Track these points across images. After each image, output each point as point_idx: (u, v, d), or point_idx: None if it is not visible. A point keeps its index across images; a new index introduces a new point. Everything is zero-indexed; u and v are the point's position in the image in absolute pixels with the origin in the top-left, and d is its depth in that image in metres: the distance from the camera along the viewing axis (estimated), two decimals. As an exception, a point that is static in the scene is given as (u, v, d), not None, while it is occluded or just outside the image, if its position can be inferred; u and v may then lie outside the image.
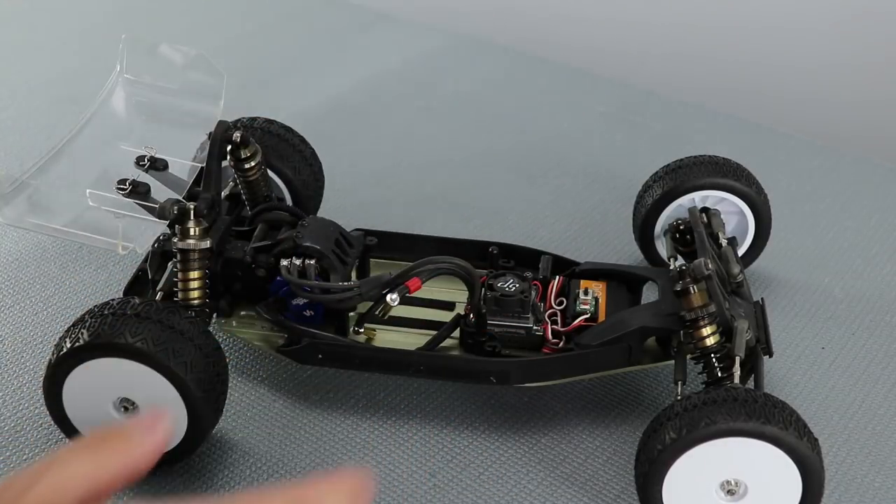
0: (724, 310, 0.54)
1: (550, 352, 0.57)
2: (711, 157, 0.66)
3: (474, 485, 0.55)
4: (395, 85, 0.94)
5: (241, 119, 0.68)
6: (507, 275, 0.59)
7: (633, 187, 0.70)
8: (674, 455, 0.49)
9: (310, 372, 0.62)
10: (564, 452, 0.57)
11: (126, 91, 0.65)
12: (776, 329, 0.65)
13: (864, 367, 0.64)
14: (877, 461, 0.57)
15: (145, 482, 0.55)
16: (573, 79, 0.96)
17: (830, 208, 0.78)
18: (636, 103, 0.92)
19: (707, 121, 0.89)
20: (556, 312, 0.59)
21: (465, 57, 0.99)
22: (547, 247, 0.64)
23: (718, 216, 0.64)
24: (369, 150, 0.85)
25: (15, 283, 0.69)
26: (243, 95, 0.88)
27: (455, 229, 0.74)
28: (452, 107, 0.91)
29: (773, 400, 0.49)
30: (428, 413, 0.60)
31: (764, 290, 0.69)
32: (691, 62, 1.19)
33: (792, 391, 0.61)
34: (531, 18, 1.25)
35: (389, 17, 1.06)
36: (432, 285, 0.56)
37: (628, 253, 0.72)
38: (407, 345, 0.58)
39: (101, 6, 1.07)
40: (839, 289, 0.70)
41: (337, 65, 0.97)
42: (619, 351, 0.56)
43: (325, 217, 0.60)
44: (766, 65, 1.16)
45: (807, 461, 0.48)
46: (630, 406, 0.60)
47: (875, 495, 0.55)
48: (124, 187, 0.57)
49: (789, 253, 0.73)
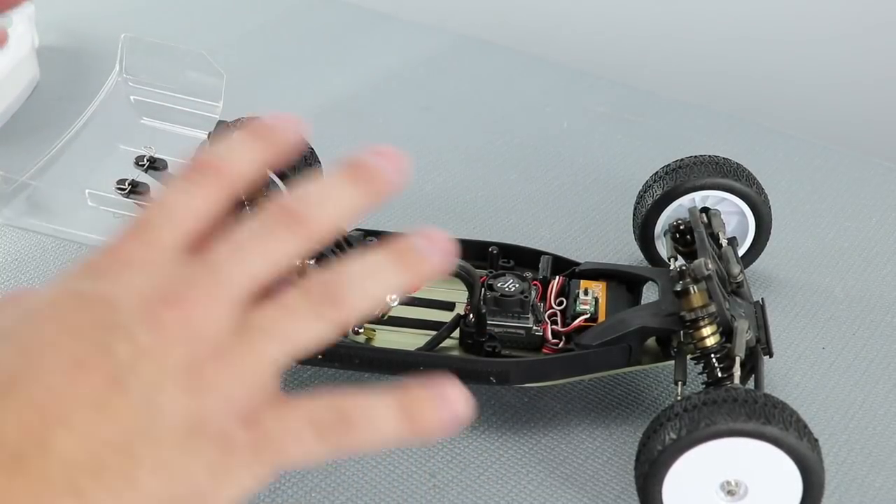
0: (724, 310, 0.54)
1: (550, 352, 0.57)
2: (711, 157, 0.66)
3: (474, 485, 0.55)
4: (395, 85, 0.94)
5: (240, 119, 0.68)
6: (507, 275, 0.59)
7: (633, 187, 0.70)
8: (674, 455, 0.49)
9: (310, 372, 0.62)
10: (564, 453, 0.57)
11: (126, 91, 0.65)
12: (776, 329, 0.65)
13: (864, 367, 0.63)
14: (877, 462, 0.57)
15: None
16: (573, 79, 0.96)
17: (830, 208, 0.78)
18: (636, 103, 0.92)
19: (707, 121, 0.89)
20: (556, 312, 0.59)
21: (465, 57, 0.99)
22: (547, 247, 0.64)
23: (719, 216, 0.64)
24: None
25: (15, 283, 0.69)
26: (243, 95, 0.88)
27: (455, 229, 0.74)
28: (452, 107, 0.91)
29: (774, 400, 0.49)
30: (428, 413, 0.59)
31: (764, 290, 0.69)
32: (691, 62, 1.19)
33: (792, 391, 0.61)
34: (531, 18, 1.25)
35: (389, 17, 1.06)
36: (432, 285, 0.56)
37: (628, 253, 0.72)
38: (407, 345, 0.58)
39: (101, 6, 1.07)
40: (840, 289, 0.70)
41: (337, 65, 0.97)
42: (619, 351, 0.56)
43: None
44: (766, 65, 1.16)
45: (807, 462, 0.48)
46: (630, 406, 0.60)
47: (875, 496, 0.55)
48: (124, 187, 0.57)
49: (789, 253, 0.73)
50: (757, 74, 1.16)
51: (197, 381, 0.26)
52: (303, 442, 0.27)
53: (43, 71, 0.92)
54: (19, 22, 0.90)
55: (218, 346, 0.26)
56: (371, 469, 0.56)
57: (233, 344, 0.27)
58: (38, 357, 0.25)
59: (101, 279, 0.27)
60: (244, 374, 0.26)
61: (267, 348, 0.27)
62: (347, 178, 0.30)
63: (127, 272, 0.27)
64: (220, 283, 0.27)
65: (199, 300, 0.27)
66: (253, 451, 0.26)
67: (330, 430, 0.27)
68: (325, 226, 0.29)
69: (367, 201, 0.30)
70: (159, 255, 0.27)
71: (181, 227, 0.28)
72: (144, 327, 0.26)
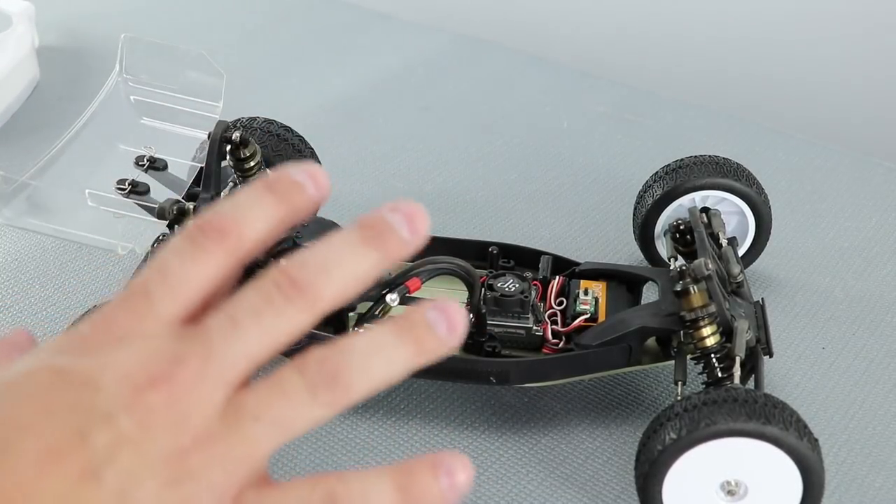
0: (724, 310, 0.54)
1: (550, 352, 0.57)
2: (711, 157, 0.66)
3: (474, 485, 0.55)
4: (395, 85, 0.94)
5: (240, 119, 0.68)
6: (507, 275, 0.59)
7: (633, 187, 0.70)
8: (674, 455, 0.49)
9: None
10: (564, 453, 0.57)
11: (126, 91, 0.65)
12: (776, 329, 0.65)
13: (864, 367, 0.63)
14: (877, 461, 0.57)
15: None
16: (573, 79, 0.96)
17: (830, 208, 0.78)
18: (636, 103, 0.92)
19: (707, 121, 0.89)
20: (556, 312, 0.59)
21: (465, 57, 0.99)
22: (547, 247, 0.64)
23: (719, 216, 0.64)
24: (369, 150, 0.85)
25: (15, 283, 0.69)
26: (243, 95, 0.88)
27: (455, 229, 0.74)
28: (452, 107, 0.91)
29: (774, 400, 0.49)
30: (428, 413, 0.60)
31: (764, 290, 0.69)
32: (691, 62, 1.19)
33: (792, 391, 0.61)
34: (531, 18, 1.25)
35: (389, 17, 1.06)
36: (432, 285, 0.56)
37: (628, 253, 0.72)
38: (407, 345, 0.58)
39: (101, 6, 1.07)
40: (839, 289, 0.70)
41: (337, 65, 0.97)
42: (619, 351, 0.56)
43: (325, 217, 0.60)
44: (766, 65, 1.16)
45: (807, 461, 0.48)
46: (630, 406, 0.60)
47: (875, 496, 0.55)
48: (123, 187, 0.57)
49: (789, 253, 0.73)
50: (757, 74, 1.16)
51: (178, 472, 0.24)
52: None
53: (43, 71, 0.92)
54: (19, 22, 0.90)
55: (204, 432, 0.25)
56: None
57: (221, 430, 0.25)
58: (9, 442, 0.24)
59: (87, 354, 0.25)
60: (230, 463, 0.25)
61: (257, 435, 0.25)
62: (359, 239, 0.26)
63: (115, 347, 0.25)
64: (212, 362, 0.25)
65: (188, 381, 0.25)
66: None
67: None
68: (332, 296, 0.26)
69: (380, 265, 0.27)
70: (153, 328, 0.25)
71: (180, 298, 0.26)
72: (127, 412, 0.24)
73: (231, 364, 0.25)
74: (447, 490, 0.26)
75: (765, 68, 1.16)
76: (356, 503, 0.25)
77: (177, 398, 0.24)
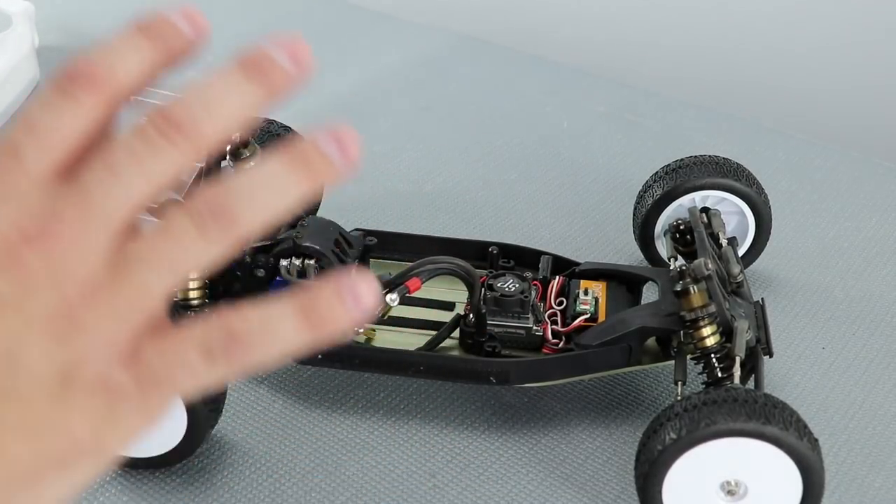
0: (724, 310, 0.54)
1: (550, 352, 0.57)
2: (711, 157, 0.66)
3: (474, 485, 0.55)
4: (396, 85, 0.94)
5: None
6: (507, 275, 0.59)
7: (633, 187, 0.70)
8: (674, 455, 0.49)
9: (310, 372, 0.62)
10: (564, 453, 0.57)
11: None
12: (776, 329, 0.65)
13: (864, 367, 0.63)
14: (877, 461, 0.57)
15: (143, 485, 0.54)
16: (573, 79, 0.96)
17: (830, 208, 0.78)
18: (636, 103, 0.92)
19: (707, 121, 0.89)
20: (555, 312, 0.59)
21: (465, 57, 0.99)
22: (547, 247, 0.64)
23: (719, 216, 0.64)
24: (369, 150, 0.84)
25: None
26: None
27: (455, 229, 0.74)
28: (452, 107, 0.91)
29: (774, 400, 0.49)
30: (428, 413, 0.60)
31: (764, 290, 0.69)
32: (691, 62, 1.19)
33: (792, 391, 0.61)
34: (531, 18, 1.25)
35: (389, 17, 1.06)
36: (432, 285, 0.56)
37: (628, 253, 0.72)
38: (407, 345, 0.58)
39: (101, 6, 1.07)
40: (839, 289, 0.70)
41: (337, 64, 0.97)
42: (619, 351, 0.56)
43: (325, 217, 0.60)
44: (766, 64, 1.16)
45: (807, 461, 0.48)
46: (630, 406, 0.60)
47: (875, 496, 0.55)
48: (124, 187, 0.57)
49: (789, 253, 0.73)
50: (757, 74, 1.16)
51: (66, 327, 0.23)
52: (192, 370, 0.24)
53: (43, 71, 0.92)
54: (19, 22, 0.90)
55: (90, 283, 0.24)
56: (371, 469, 0.56)
57: (107, 279, 0.24)
58: None
59: None
60: (121, 311, 0.24)
61: (146, 280, 0.24)
62: (239, 74, 0.25)
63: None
64: (91, 211, 0.24)
65: (65, 234, 0.23)
66: (138, 390, 0.24)
67: (221, 352, 0.24)
68: (215, 133, 0.25)
69: (264, 100, 0.25)
70: (23, 185, 0.24)
71: (51, 151, 0.24)
72: (3, 272, 0.23)
73: (112, 211, 0.24)
74: (353, 311, 0.25)
75: (764, 68, 1.16)
76: (257, 335, 0.24)
77: (55, 252, 0.23)
